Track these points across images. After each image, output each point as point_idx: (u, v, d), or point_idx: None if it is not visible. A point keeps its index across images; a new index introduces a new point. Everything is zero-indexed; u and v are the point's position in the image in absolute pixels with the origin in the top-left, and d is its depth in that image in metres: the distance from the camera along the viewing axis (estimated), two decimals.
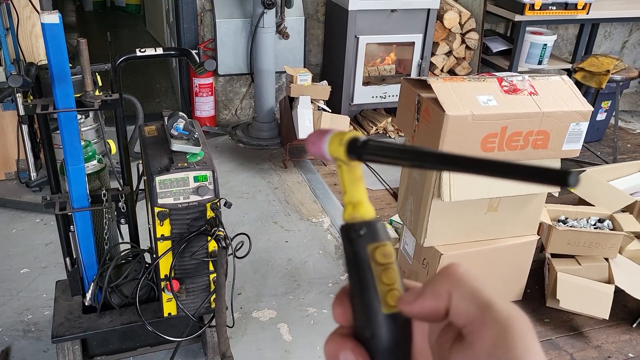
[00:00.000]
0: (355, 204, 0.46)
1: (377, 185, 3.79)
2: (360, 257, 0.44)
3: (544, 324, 2.59)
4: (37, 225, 3.14)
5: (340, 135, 0.46)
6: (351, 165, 0.46)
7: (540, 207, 2.52)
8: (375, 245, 0.44)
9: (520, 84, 2.29)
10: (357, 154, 0.44)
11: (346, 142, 0.45)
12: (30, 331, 2.38)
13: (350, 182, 0.47)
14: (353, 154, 0.45)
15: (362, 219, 0.45)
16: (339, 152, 0.45)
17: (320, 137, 0.47)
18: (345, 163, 0.46)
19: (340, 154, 0.45)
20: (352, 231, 0.45)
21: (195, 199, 1.82)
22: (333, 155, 0.46)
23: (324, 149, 0.47)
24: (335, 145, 0.46)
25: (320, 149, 0.47)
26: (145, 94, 5.32)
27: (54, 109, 1.73)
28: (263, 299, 2.66)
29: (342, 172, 0.47)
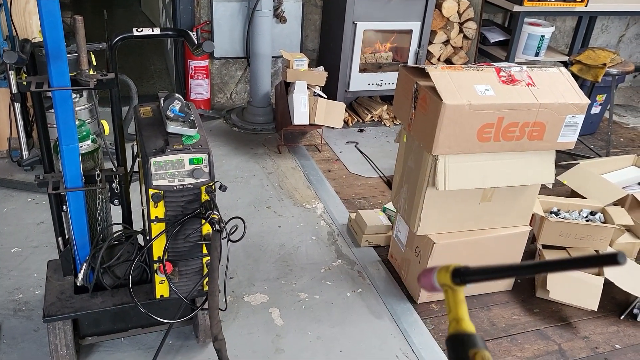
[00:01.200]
0: (459, 320, 0.58)
1: (371, 172, 3.79)
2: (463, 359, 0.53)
3: (533, 314, 2.62)
4: (29, 204, 3.12)
5: (446, 267, 0.60)
6: (455, 289, 0.60)
7: (533, 198, 2.53)
8: (475, 350, 0.55)
9: (518, 75, 2.29)
10: (461, 278, 0.58)
11: (451, 271, 0.59)
12: (20, 310, 2.37)
13: (455, 303, 0.60)
14: (457, 279, 0.59)
15: (464, 331, 0.57)
16: (446, 279, 0.59)
17: (430, 272, 0.62)
18: (451, 288, 0.60)
19: (447, 281, 0.59)
20: (456, 340, 0.56)
21: (190, 181, 1.81)
22: (441, 282, 0.61)
23: (434, 280, 0.61)
24: (442, 274, 0.60)
25: (431, 280, 0.61)
26: (140, 75, 5.27)
27: (48, 87, 1.71)
28: (255, 283, 2.66)
29: (448, 295, 0.60)
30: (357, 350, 2.34)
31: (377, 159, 3.95)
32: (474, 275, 0.58)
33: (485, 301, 2.67)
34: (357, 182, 3.67)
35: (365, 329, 2.45)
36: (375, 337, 2.42)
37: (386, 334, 2.43)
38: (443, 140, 2.18)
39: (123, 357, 2.19)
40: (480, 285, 2.67)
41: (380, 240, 2.99)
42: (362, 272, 2.80)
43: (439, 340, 2.41)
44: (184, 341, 2.29)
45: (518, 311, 2.63)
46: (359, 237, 2.99)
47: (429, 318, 2.53)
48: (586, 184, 3.28)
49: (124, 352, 2.21)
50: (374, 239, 2.98)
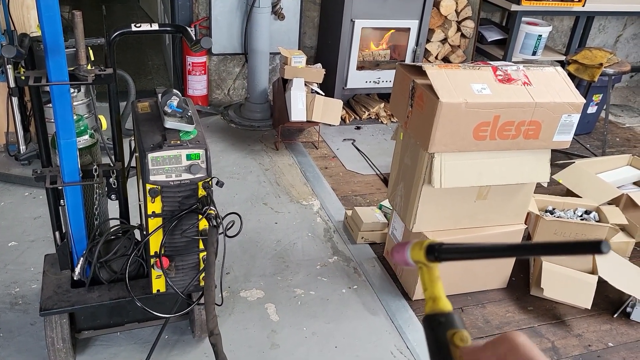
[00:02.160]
0: (435, 299, 0.55)
1: (367, 170, 3.80)
2: (441, 341, 0.53)
3: (527, 311, 2.64)
4: (26, 198, 3.12)
5: (420, 243, 0.57)
6: (430, 266, 0.57)
7: (528, 197, 2.54)
8: (453, 331, 0.53)
9: (515, 74, 2.30)
10: (434, 256, 0.55)
11: (425, 247, 0.56)
12: (17, 304, 2.38)
13: (430, 281, 0.57)
14: (432, 255, 0.55)
15: (441, 311, 0.55)
16: (419, 255, 0.56)
17: (403, 247, 0.58)
18: (425, 265, 0.56)
19: (421, 257, 0.56)
20: (433, 320, 0.54)
21: (187, 177, 1.82)
22: (415, 259, 0.57)
23: (407, 256, 0.58)
24: (416, 251, 0.57)
25: (404, 256, 0.58)
26: (137, 71, 5.27)
27: (46, 82, 1.72)
28: (251, 279, 2.68)
29: (423, 273, 0.57)
30: (352, 346, 2.35)
31: (373, 156, 3.96)
32: (449, 254, 0.56)
33: (480, 299, 2.69)
34: (354, 179, 3.69)
35: (360, 325, 2.47)
36: (370, 333, 2.43)
37: (381, 330, 2.45)
38: (439, 138, 2.19)
39: (119, 351, 2.20)
40: (474, 283, 2.69)
41: (376, 237, 3.00)
42: (357, 269, 2.81)
43: None
44: (180, 336, 2.31)
45: (512, 309, 2.65)
46: (355, 234, 3.00)
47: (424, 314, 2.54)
48: (581, 183, 3.30)
49: (120, 346, 2.22)
50: (369, 236, 2.99)
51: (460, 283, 2.66)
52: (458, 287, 2.67)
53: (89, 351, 2.19)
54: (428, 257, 0.56)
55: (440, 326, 0.54)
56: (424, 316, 0.56)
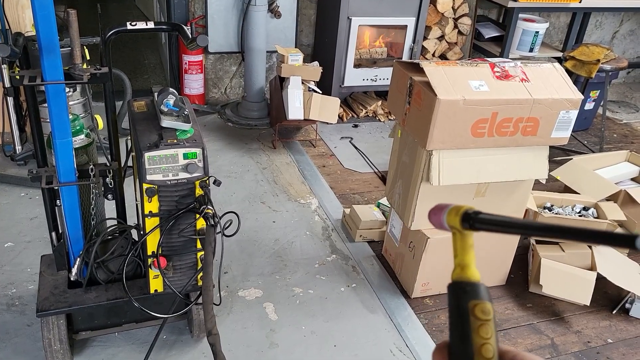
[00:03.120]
0: (464, 267, 0.54)
1: (365, 168, 3.79)
2: (462, 310, 0.52)
3: (526, 308, 2.64)
4: (22, 199, 3.11)
5: (457, 208, 0.55)
6: (464, 234, 0.55)
7: (527, 193, 2.54)
8: (476, 302, 0.52)
9: (512, 70, 2.30)
10: (470, 223, 0.53)
11: (461, 214, 0.54)
12: (14, 305, 2.36)
13: (462, 248, 0.55)
14: (467, 223, 0.54)
15: (468, 279, 0.53)
16: (455, 221, 0.54)
17: (441, 210, 0.57)
18: (460, 231, 0.55)
19: (456, 224, 0.54)
20: (458, 288, 0.53)
21: (184, 176, 1.81)
22: (450, 224, 0.55)
23: (443, 219, 0.56)
24: (452, 216, 0.55)
25: (440, 219, 0.57)
26: (134, 70, 5.25)
27: (41, 81, 1.70)
28: (249, 278, 2.67)
29: (456, 239, 0.55)
30: (351, 344, 2.35)
31: (371, 154, 3.96)
32: (484, 224, 0.54)
33: None
34: (352, 177, 3.68)
35: (359, 323, 2.46)
36: (369, 331, 2.42)
37: (380, 328, 2.44)
38: (437, 136, 2.18)
39: (117, 352, 2.19)
40: None
41: (375, 235, 3.00)
42: (356, 267, 2.80)
43: (432, 334, 2.42)
44: (178, 336, 2.30)
45: (511, 306, 2.65)
46: (354, 232, 3.00)
47: (423, 313, 2.54)
48: (579, 179, 3.30)
49: (117, 347, 2.21)
50: (368, 234, 2.99)
51: None
52: None
53: (86, 352, 2.18)
54: (463, 224, 0.54)
55: (464, 295, 0.53)
56: (449, 283, 0.54)
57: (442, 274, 2.58)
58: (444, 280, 2.61)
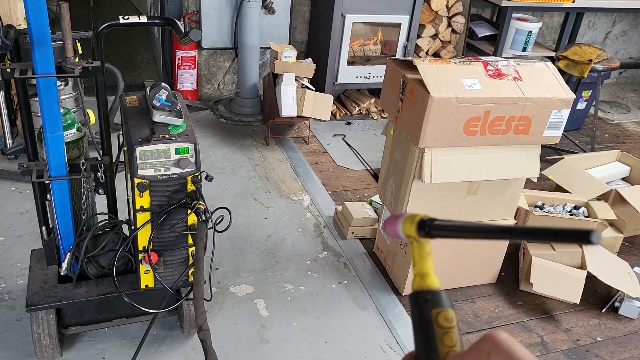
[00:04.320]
0: (423, 275, 0.54)
1: (358, 165, 3.79)
2: (425, 319, 0.51)
3: (516, 306, 2.65)
4: (12, 193, 3.08)
5: (412, 217, 0.55)
6: (421, 241, 0.55)
7: (518, 192, 2.55)
8: (438, 310, 0.51)
9: (505, 69, 2.30)
10: (426, 231, 0.54)
11: (417, 222, 0.54)
12: (3, 300, 2.35)
13: (420, 256, 0.55)
14: (422, 231, 0.54)
15: (428, 288, 0.53)
16: (410, 230, 0.54)
17: (396, 219, 0.56)
18: (416, 240, 0.55)
19: (412, 232, 0.54)
20: (419, 297, 0.53)
21: (176, 171, 1.80)
22: (406, 233, 0.55)
23: (398, 229, 0.56)
24: (407, 225, 0.55)
25: (396, 229, 0.56)
26: (126, 65, 5.22)
27: (32, 74, 1.69)
28: (241, 274, 2.66)
29: (413, 248, 0.55)
30: (342, 341, 2.35)
31: (364, 151, 3.96)
32: (441, 230, 0.54)
33: (470, 294, 2.70)
34: (344, 174, 3.68)
35: (350, 320, 2.46)
36: (360, 328, 2.43)
37: (371, 325, 2.45)
38: (430, 133, 2.18)
39: (107, 347, 2.18)
40: (464, 278, 2.70)
41: (367, 233, 3.00)
42: (347, 264, 2.81)
43: None
44: (169, 331, 2.29)
45: (502, 304, 2.66)
46: (345, 229, 3.00)
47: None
48: (571, 178, 3.32)
49: (107, 342, 2.20)
50: (360, 231, 2.99)
51: (450, 278, 2.66)
52: (448, 282, 2.67)
53: (76, 347, 2.17)
54: (419, 232, 0.55)
55: (426, 304, 0.53)
56: (410, 292, 0.54)
57: None
58: None
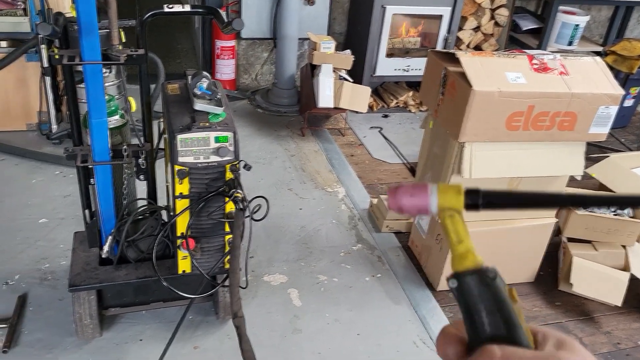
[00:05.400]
0: (473, 252, 0.48)
1: (394, 158, 3.76)
2: (501, 297, 0.46)
3: (554, 307, 2.59)
4: (56, 177, 3.18)
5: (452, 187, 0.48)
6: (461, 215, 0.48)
7: (560, 189, 2.48)
8: (509, 287, 0.47)
9: (551, 63, 2.24)
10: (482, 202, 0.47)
11: (465, 192, 0.48)
12: (46, 279, 2.43)
13: (465, 230, 0.49)
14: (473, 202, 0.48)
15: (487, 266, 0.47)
16: (456, 202, 0.48)
17: (420, 190, 0.49)
18: (459, 213, 0.48)
19: (456, 204, 0.48)
20: (486, 275, 0.46)
21: (215, 159, 1.82)
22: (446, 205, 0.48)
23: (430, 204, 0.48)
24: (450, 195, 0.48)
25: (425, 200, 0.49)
26: (166, 54, 5.29)
27: (80, 61, 1.73)
28: (275, 263, 2.68)
29: (455, 222, 0.48)
30: (374, 334, 2.34)
31: (400, 145, 3.92)
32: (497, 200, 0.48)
33: None
34: (380, 167, 3.65)
35: (382, 313, 2.45)
36: (393, 322, 2.42)
37: (404, 319, 2.43)
38: (470, 128, 2.14)
39: (144, 329, 2.23)
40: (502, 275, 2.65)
41: (401, 227, 2.98)
42: (381, 257, 2.79)
43: None
44: (204, 317, 2.33)
45: (539, 303, 2.60)
46: (380, 222, 2.98)
47: (448, 306, 2.52)
48: (615, 177, 3.21)
49: (145, 324, 2.26)
50: (394, 225, 2.97)
51: None
52: None
53: (115, 328, 2.23)
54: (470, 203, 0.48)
55: (495, 280, 0.47)
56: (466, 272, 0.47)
57: None
58: None
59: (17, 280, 2.41)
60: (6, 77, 3.39)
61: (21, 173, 3.19)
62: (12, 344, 2.09)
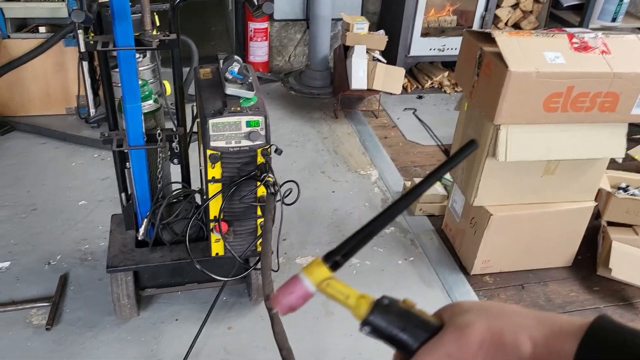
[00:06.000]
0: (364, 296, 0.55)
1: (428, 140, 3.71)
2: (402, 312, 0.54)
3: (592, 292, 2.53)
4: (95, 160, 3.26)
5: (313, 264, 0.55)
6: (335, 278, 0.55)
7: (600, 173, 2.41)
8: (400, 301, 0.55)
9: (592, 42, 2.15)
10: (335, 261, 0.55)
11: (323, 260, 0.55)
12: (86, 260, 2.51)
13: (345, 286, 0.55)
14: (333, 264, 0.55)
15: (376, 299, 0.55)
16: (321, 273, 0.54)
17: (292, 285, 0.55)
18: (332, 277, 0.55)
19: (323, 273, 0.54)
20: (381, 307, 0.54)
21: (246, 143, 1.83)
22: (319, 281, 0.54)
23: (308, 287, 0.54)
24: (315, 270, 0.54)
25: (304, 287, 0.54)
26: (200, 37, 5.32)
27: (113, 47, 1.75)
28: (307, 246, 2.70)
29: (334, 285, 0.55)
30: None
31: (435, 126, 3.86)
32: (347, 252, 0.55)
33: (542, 276, 2.60)
34: (414, 149, 3.61)
35: (415, 297, 2.39)
36: (426, 305, 2.38)
37: (437, 303, 2.39)
38: (506, 110, 2.09)
39: (180, 309, 2.29)
40: (537, 260, 2.60)
41: (435, 210, 2.94)
42: (414, 241, 2.77)
43: None
44: (237, 298, 2.37)
45: (576, 288, 2.54)
46: (413, 205, 2.96)
47: (482, 290, 2.49)
48: None
49: (180, 305, 2.31)
50: (428, 208, 2.94)
51: (523, 260, 2.57)
52: (520, 264, 2.58)
53: (152, 308, 2.29)
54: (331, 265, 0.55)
55: (390, 305, 0.54)
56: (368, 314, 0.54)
57: (503, 252, 2.51)
58: (505, 258, 2.54)
59: (59, 260, 2.49)
60: (45, 62, 3.48)
61: (61, 156, 3.28)
62: (54, 322, 2.17)
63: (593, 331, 0.46)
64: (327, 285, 0.55)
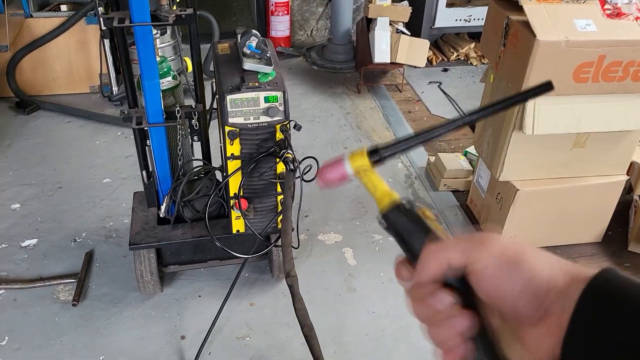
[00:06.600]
0: (390, 194, 0.57)
1: (453, 114, 3.63)
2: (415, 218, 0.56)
3: (623, 268, 2.45)
4: (118, 138, 3.28)
5: (358, 152, 0.59)
6: (372, 170, 0.59)
7: (633, 145, 2.31)
8: (421, 208, 0.56)
9: (626, 8, 2.05)
10: (379, 156, 0.58)
11: (367, 152, 0.58)
12: (111, 237, 2.54)
13: (378, 179, 0.59)
14: (376, 156, 0.58)
15: (400, 200, 0.57)
16: (362, 161, 0.58)
17: (336, 165, 0.59)
18: (369, 169, 0.58)
19: (364, 162, 0.58)
20: (401, 207, 0.56)
21: (265, 119, 1.80)
22: (358, 168, 0.58)
23: (346, 169, 0.58)
24: (357, 158, 0.58)
25: (342, 170, 0.58)
26: (222, 12, 5.28)
27: (130, 23, 1.73)
28: (329, 222, 2.68)
29: (368, 175, 0.59)
30: None
31: (461, 100, 3.77)
32: (391, 149, 0.59)
33: (571, 252, 2.53)
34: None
35: None
36: None
37: None
38: (534, 81, 2.01)
39: (202, 286, 2.31)
40: (566, 235, 2.53)
41: (460, 185, 2.89)
42: (439, 217, 2.73)
43: None
44: (259, 275, 2.37)
45: (606, 264, 2.47)
46: (438, 180, 2.90)
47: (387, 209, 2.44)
48: None
49: (203, 281, 2.33)
50: (453, 183, 2.88)
51: (551, 235, 2.51)
52: (548, 239, 2.52)
53: (175, 284, 2.31)
54: (373, 159, 0.58)
55: (409, 208, 0.56)
56: (387, 210, 0.56)
57: (530, 227, 2.45)
58: (532, 234, 2.48)
59: (84, 237, 2.53)
60: (68, 40, 3.49)
61: (86, 134, 3.31)
62: (80, 298, 2.21)
63: (597, 281, 0.46)
64: (363, 174, 0.59)
